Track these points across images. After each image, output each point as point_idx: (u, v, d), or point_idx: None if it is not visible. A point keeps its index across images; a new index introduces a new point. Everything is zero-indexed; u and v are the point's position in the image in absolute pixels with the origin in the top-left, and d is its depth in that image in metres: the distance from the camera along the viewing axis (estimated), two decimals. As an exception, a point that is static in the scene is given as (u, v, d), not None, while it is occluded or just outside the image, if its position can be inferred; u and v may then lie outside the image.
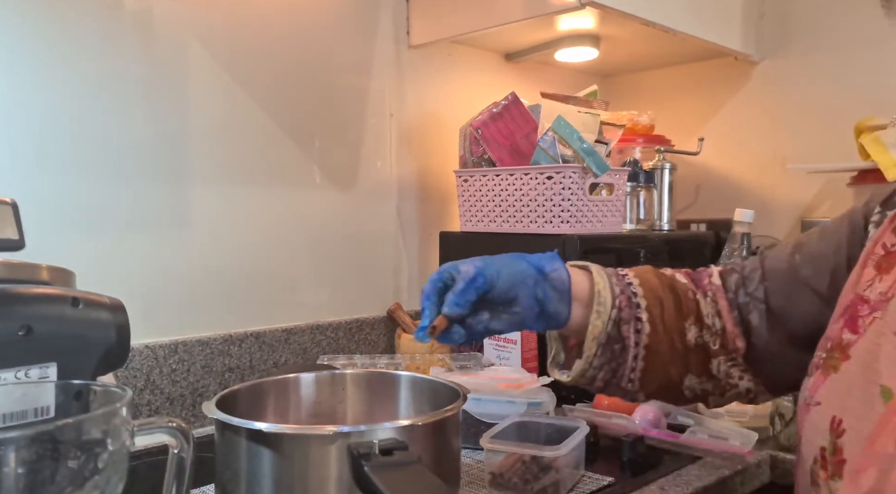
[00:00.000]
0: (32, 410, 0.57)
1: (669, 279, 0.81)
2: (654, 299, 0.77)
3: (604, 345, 0.75)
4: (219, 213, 1.24)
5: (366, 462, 0.59)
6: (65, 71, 1.06)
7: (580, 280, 0.78)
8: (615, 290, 0.76)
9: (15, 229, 0.67)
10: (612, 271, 0.80)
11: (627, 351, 0.75)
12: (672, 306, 0.77)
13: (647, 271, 0.82)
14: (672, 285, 0.79)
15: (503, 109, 1.40)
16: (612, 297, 0.75)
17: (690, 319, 0.77)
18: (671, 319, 0.77)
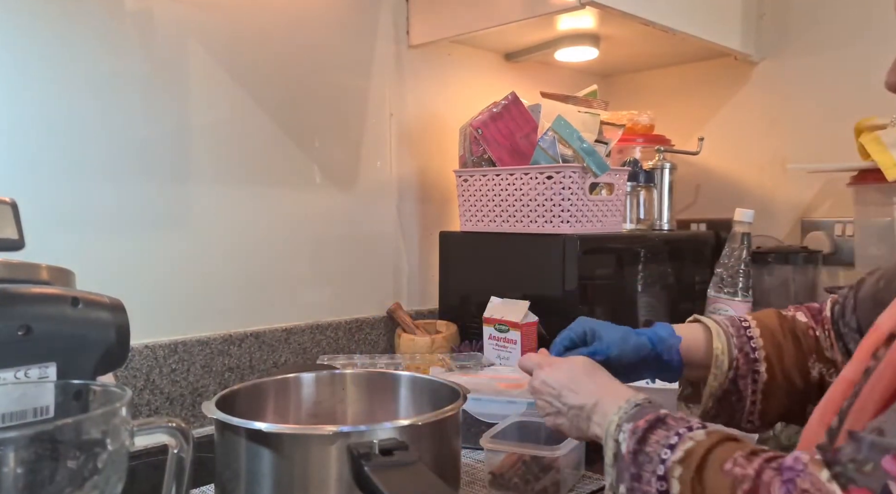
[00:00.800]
0: (32, 410, 0.57)
1: (791, 322, 0.85)
2: (774, 347, 0.82)
3: (719, 399, 0.81)
4: (219, 213, 1.24)
5: (366, 462, 0.59)
6: (65, 71, 1.06)
7: (698, 344, 0.84)
8: (733, 352, 0.82)
9: (14, 229, 0.66)
10: (732, 323, 0.84)
11: (744, 400, 0.81)
12: (792, 349, 0.82)
13: (770, 316, 0.85)
14: (793, 327, 0.84)
15: (503, 109, 1.40)
16: (730, 360, 0.81)
17: (813, 357, 0.82)
18: (791, 362, 0.81)
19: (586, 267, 1.28)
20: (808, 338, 0.83)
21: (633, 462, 0.60)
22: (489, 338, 1.31)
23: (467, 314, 1.44)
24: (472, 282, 1.45)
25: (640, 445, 0.60)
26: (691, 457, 0.55)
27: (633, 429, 0.61)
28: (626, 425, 0.63)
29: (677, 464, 0.56)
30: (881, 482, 0.44)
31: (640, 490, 0.59)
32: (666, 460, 0.57)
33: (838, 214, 1.60)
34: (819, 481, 0.47)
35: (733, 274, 1.39)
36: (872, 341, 0.58)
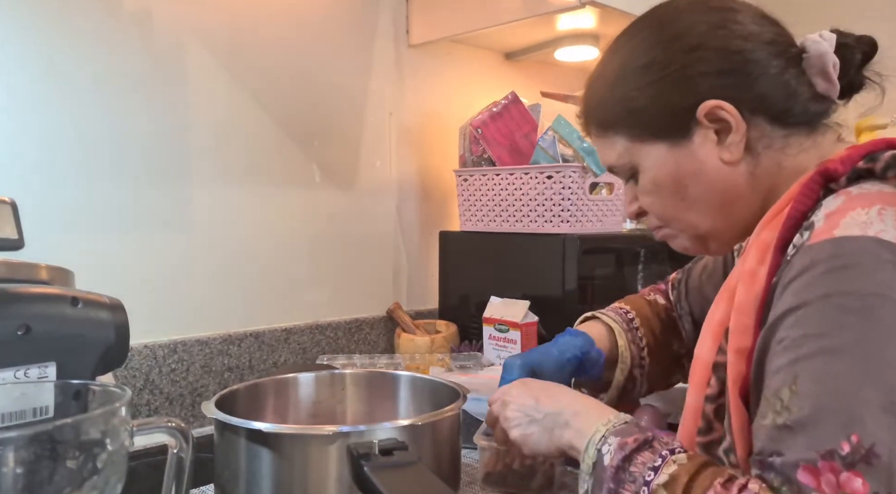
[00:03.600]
0: (31, 410, 0.57)
1: (655, 305, 0.96)
2: (651, 335, 0.92)
3: (622, 388, 0.91)
4: (218, 213, 1.23)
5: (365, 463, 0.59)
6: (65, 71, 1.06)
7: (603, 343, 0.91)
8: (631, 347, 0.91)
9: (14, 229, 0.66)
10: (619, 317, 0.93)
11: (637, 386, 0.92)
12: (660, 331, 0.93)
13: (641, 305, 0.95)
14: (659, 312, 0.95)
15: (503, 108, 1.40)
16: (631, 355, 0.90)
17: (675, 336, 0.94)
18: (661, 344, 0.93)
19: (586, 266, 1.28)
20: (670, 319, 0.95)
21: (613, 476, 0.61)
22: (489, 338, 1.31)
23: (467, 314, 1.44)
24: (472, 282, 1.45)
25: (624, 462, 0.61)
26: (675, 483, 0.58)
27: (622, 445, 0.62)
28: (614, 438, 0.64)
29: (661, 488, 0.58)
30: None
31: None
32: (650, 482, 0.59)
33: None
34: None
35: (733, 273, 1.39)
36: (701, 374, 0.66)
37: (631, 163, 0.72)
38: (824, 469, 0.50)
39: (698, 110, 0.67)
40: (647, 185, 0.72)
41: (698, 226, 0.71)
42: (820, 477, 0.50)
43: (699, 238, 0.73)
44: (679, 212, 0.71)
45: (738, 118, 0.66)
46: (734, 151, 0.67)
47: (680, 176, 0.69)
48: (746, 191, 0.68)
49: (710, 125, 0.67)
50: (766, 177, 0.68)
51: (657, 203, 0.72)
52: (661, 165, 0.70)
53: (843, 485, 0.49)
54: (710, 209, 0.70)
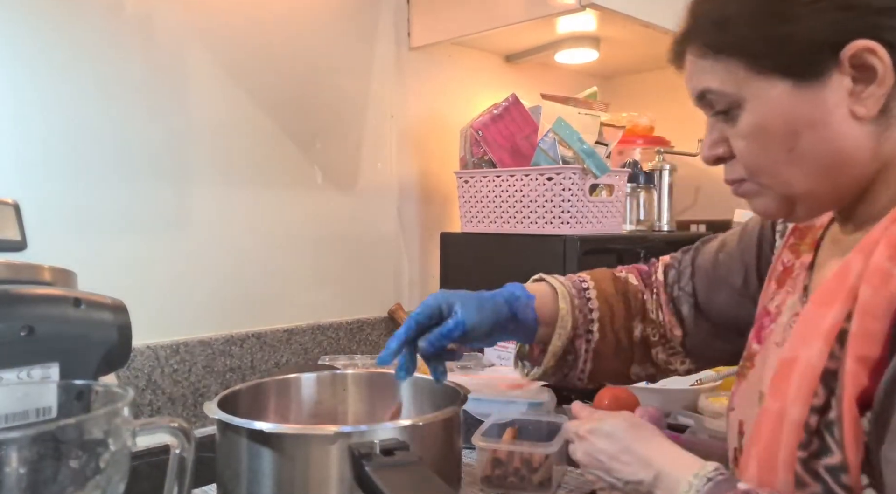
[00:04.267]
0: (34, 410, 0.57)
1: (623, 284, 0.88)
2: (606, 308, 0.85)
3: (559, 357, 0.83)
4: (220, 214, 1.24)
5: (367, 462, 0.59)
6: (67, 74, 1.07)
7: (546, 302, 0.84)
8: (575, 312, 0.84)
9: (17, 230, 0.67)
10: (572, 284, 0.86)
11: (578, 359, 0.84)
12: (623, 310, 0.85)
13: (604, 278, 0.88)
14: (625, 290, 0.87)
15: (503, 111, 1.41)
16: (573, 319, 0.83)
17: (638, 318, 0.85)
18: (619, 322, 0.85)
19: (586, 267, 1.27)
20: (636, 301, 0.86)
21: None
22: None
23: (468, 315, 1.44)
24: (473, 283, 1.44)
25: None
26: None
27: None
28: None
29: None
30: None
31: None
32: None
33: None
34: None
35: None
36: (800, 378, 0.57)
37: (737, 96, 0.61)
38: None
39: (845, 49, 0.56)
40: (749, 128, 0.61)
41: (794, 186, 0.61)
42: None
43: (788, 199, 0.63)
44: (779, 164, 0.61)
45: (889, 68, 0.56)
46: (870, 106, 0.57)
47: (795, 123, 0.59)
48: (864, 156, 0.59)
49: (850, 70, 0.57)
50: (892, 146, 0.59)
51: (755, 150, 0.62)
52: (775, 107, 0.59)
53: None
54: (817, 168, 0.60)
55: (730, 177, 0.66)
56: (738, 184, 0.65)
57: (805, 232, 0.71)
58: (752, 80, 0.60)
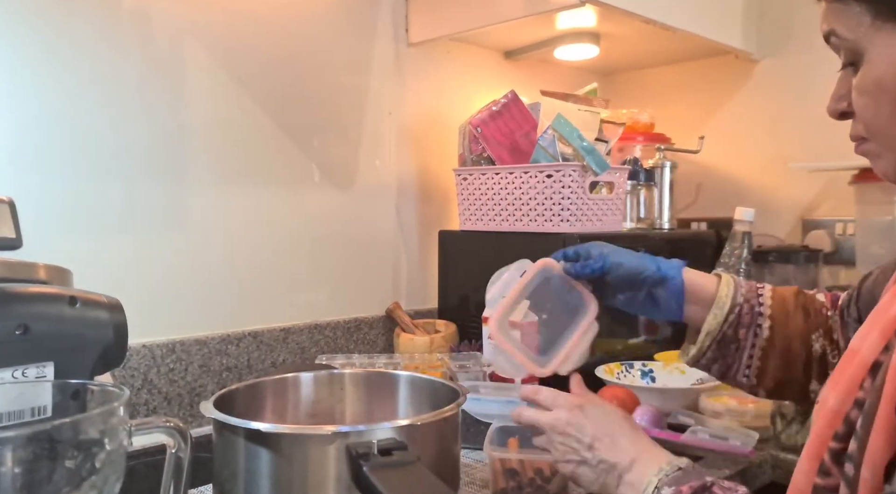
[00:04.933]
0: (29, 409, 0.57)
1: (808, 298, 0.86)
2: (781, 309, 0.83)
3: (718, 342, 0.82)
4: (217, 212, 1.23)
5: (365, 462, 0.59)
6: (63, 70, 1.06)
7: (707, 285, 0.84)
8: (738, 299, 0.82)
9: (12, 228, 0.66)
10: (749, 283, 0.85)
11: (742, 351, 0.82)
12: (800, 319, 0.83)
13: (788, 289, 0.86)
14: (806, 303, 0.85)
15: (503, 107, 1.40)
16: (733, 304, 0.82)
17: (819, 332, 0.83)
18: (796, 329, 0.82)
19: (586, 266, 1.27)
20: (819, 315, 0.84)
21: None
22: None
23: (466, 313, 1.44)
24: (472, 282, 1.45)
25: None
26: None
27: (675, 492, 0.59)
28: (667, 489, 0.60)
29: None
30: None
31: None
32: None
33: (839, 213, 1.60)
34: None
35: (734, 273, 1.39)
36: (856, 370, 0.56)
37: (858, 45, 0.59)
38: None
39: None
40: (868, 84, 0.58)
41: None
42: None
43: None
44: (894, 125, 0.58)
45: None
46: None
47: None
48: None
49: None
50: None
51: (872, 107, 0.59)
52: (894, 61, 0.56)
53: None
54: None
55: (852, 134, 0.64)
56: (860, 142, 0.63)
57: None
58: (876, 31, 0.57)
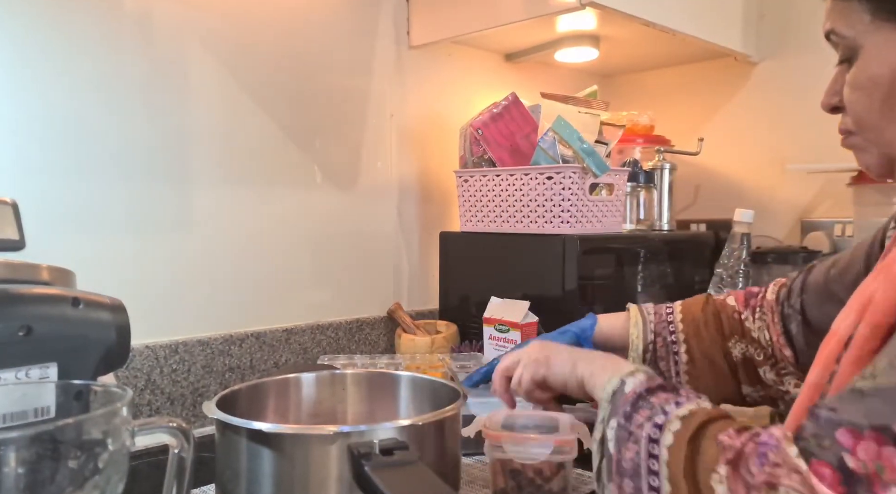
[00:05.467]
0: (33, 410, 0.57)
1: (717, 305, 0.90)
2: (694, 332, 0.88)
3: None
4: (219, 213, 1.24)
5: (366, 462, 0.59)
6: (65, 72, 1.06)
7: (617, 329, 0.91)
8: (649, 336, 0.88)
9: (15, 229, 0.67)
10: (656, 311, 0.90)
11: (669, 379, 0.87)
12: (714, 331, 0.88)
13: (695, 302, 0.91)
14: (718, 311, 0.89)
15: (503, 109, 1.40)
16: (645, 343, 0.88)
17: (735, 338, 0.88)
18: (713, 343, 0.87)
19: (586, 267, 1.28)
20: (731, 321, 0.88)
21: (633, 403, 0.61)
22: (489, 338, 1.31)
23: (467, 314, 1.44)
24: (473, 282, 1.45)
25: (647, 393, 0.61)
26: (693, 418, 0.57)
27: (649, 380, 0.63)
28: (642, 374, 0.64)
29: (677, 419, 0.57)
30: (837, 454, 0.47)
31: (628, 430, 0.60)
32: (669, 412, 0.58)
33: (838, 214, 1.60)
34: (788, 456, 0.50)
35: (733, 274, 1.39)
36: (833, 347, 0.59)
37: (855, 42, 0.61)
38: (869, 437, 0.47)
39: None
40: (861, 78, 0.61)
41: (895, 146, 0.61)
42: (860, 443, 0.47)
43: (889, 160, 0.63)
44: (883, 120, 0.61)
45: None
46: None
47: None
48: None
49: None
50: None
51: (862, 102, 0.62)
52: (888, 57, 0.59)
53: (883, 457, 0.46)
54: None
55: (840, 128, 0.66)
56: (847, 135, 0.66)
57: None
58: (874, 29, 0.59)
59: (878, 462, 0.46)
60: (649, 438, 0.58)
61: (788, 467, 0.49)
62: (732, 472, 0.52)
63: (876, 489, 0.45)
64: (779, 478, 0.49)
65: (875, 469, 0.46)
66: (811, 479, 0.47)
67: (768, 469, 0.50)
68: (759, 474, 0.50)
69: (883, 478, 0.45)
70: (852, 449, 0.47)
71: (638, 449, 0.58)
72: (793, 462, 0.49)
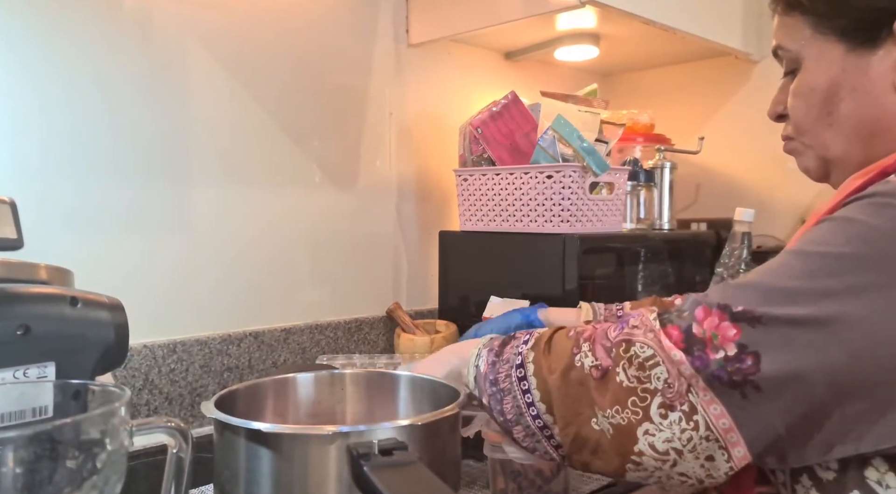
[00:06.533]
0: (31, 410, 0.57)
1: (665, 305, 0.93)
2: None
3: None
4: (217, 213, 1.23)
5: (365, 462, 0.59)
6: (65, 71, 1.06)
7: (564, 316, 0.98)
8: None
9: (13, 228, 0.66)
10: (607, 308, 0.96)
11: None
12: None
13: (644, 302, 0.95)
14: None
15: (503, 108, 1.40)
16: None
17: None
18: None
19: (586, 266, 1.28)
20: None
21: (490, 370, 0.69)
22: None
23: (467, 313, 1.44)
24: (472, 282, 1.45)
25: (496, 357, 0.70)
26: (540, 338, 0.67)
27: (489, 349, 0.71)
28: (483, 350, 0.72)
29: (530, 351, 0.67)
30: (688, 322, 0.59)
31: (498, 389, 0.69)
32: (521, 353, 0.67)
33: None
34: (647, 319, 0.61)
35: (734, 273, 1.39)
36: None
37: (798, 54, 0.67)
38: (715, 313, 0.57)
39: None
40: (802, 87, 0.67)
41: (830, 148, 0.67)
42: (708, 317, 0.58)
43: (825, 162, 0.68)
44: (819, 125, 0.66)
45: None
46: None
47: (839, 86, 0.64)
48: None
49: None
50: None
51: (801, 108, 0.67)
52: (825, 68, 0.64)
53: (720, 328, 0.57)
54: (853, 134, 0.65)
55: (782, 134, 0.72)
56: (787, 140, 0.72)
57: None
58: (815, 40, 0.65)
59: (715, 332, 0.57)
60: (516, 378, 0.67)
61: (645, 327, 0.60)
62: (593, 345, 0.63)
63: (707, 350, 0.57)
64: (634, 336, 0.60)
65: (710, 336, 0.57)
66: (660, 336, 0.59)
67: (627, 329, 0.61)
68: (618, 335, 0.61)
69: (714, 343, 0.57)
70: (700, 320, 0.58)
71: (513, 392, 0.67)
72: (650, 323, 0.61)
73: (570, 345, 0.64)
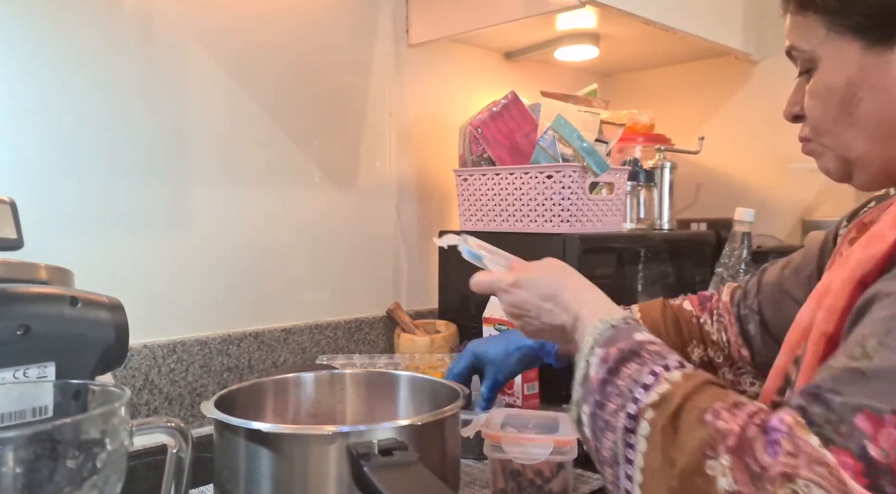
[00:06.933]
0: (31, 410, 0.57)
1: (675, 309, 0.91)
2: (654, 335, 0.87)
3: None
4: (217, 213, 1.23)
5: (365, 462, 0.59)
6: (64, 71, 1.06)
7: None
8: None
9: (13, 228, 0.66)
10: None
11: None
12: (674, 335, 0.88)
13: (653, 308, 0.92)
14: (676, 316, 0.90)
15: (503, 108, 1.40)
16: None
17: (694, 342, 0.89)
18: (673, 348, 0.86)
19: (586, 266, 1.28)
20: (689, 325, 0.90)
21: (600, 390, 0.58)
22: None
23: (467, 313, 1.44)
24: (472, 282, 1.45)
25: (610, 375, 0.57)
26: (667, 402, 0.52)
27: (604, 357, 0.59)
28: (598, 349, 0.60)
29: (650, 408, 0.53)
30: (859, 442, 0.45)
31: (602, 418, 0.57)
32: (639, 400, 0.54)
33: (839, 214, 1.58)
34: (807, 445, 0.46)
35: (734, 273, 1.39)
36: (797, 334, 0.63)
37: (813, 54, 0.65)
38: (890, 423, 0.44)
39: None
40: (818, 87, 0.65)
41: (851, 149, 0.64)
42: (882, 429, 0.44)
43: (846, 163, 0.66)
44: (838, 126, 0.64)
45: None
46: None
47: (858, 86, 0.62)
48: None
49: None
50: None
51: (818, 109, 0.65)
52: (842, 67, 0.62)
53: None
54: (874, 133, 0.63)
55: (800, 135, 0.70)
56: (805, 142, 0.70)
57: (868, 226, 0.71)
58: (830, 39, 0.63)
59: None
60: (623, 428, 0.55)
61: (809, 457, 0.45)
62: (737, 461, 0.47)
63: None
64: (797, 469, 0.45)
65: None
66: (840, 472, 0.44)
67: (783, 458, 0.46)
68: (773, 465, 0.46)
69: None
70: (873, 437, 0.44)
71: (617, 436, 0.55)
72: (815, 452, 0.45)
73: (705, 440, 0.49)
